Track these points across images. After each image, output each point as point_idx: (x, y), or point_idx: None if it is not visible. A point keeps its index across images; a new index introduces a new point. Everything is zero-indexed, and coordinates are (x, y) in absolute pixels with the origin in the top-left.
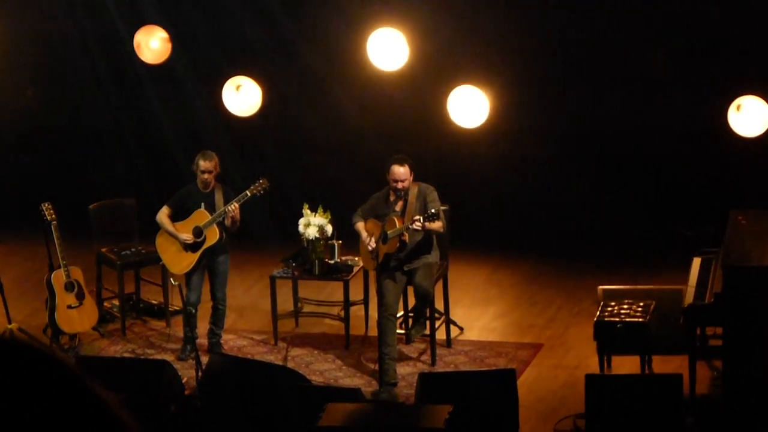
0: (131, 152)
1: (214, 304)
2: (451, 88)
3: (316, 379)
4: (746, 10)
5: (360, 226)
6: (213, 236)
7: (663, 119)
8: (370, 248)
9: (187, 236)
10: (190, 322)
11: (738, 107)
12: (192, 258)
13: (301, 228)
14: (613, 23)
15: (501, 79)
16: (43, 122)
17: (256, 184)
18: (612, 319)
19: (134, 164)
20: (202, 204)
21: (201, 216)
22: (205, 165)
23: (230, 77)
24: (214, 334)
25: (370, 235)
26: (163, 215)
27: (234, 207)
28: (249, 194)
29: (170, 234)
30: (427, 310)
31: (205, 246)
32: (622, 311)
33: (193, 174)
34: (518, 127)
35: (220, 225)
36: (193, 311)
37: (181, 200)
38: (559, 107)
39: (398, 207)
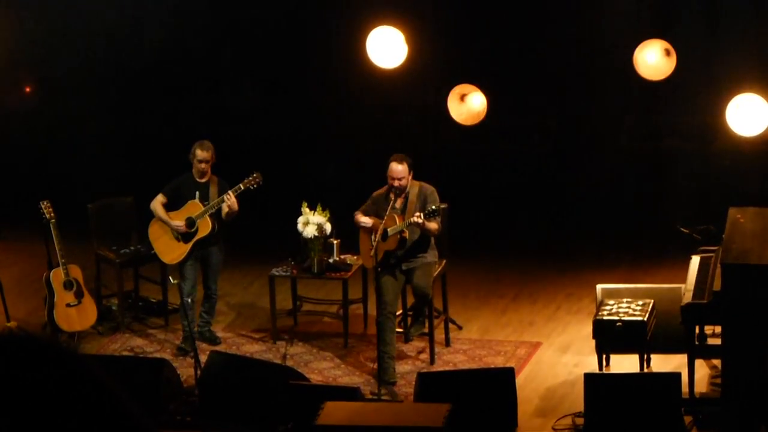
0: (129, 151)
1: (207, 293)
2: (450, 87)
3: (315, 377)
4: (746, 9)
5: (359, 215)
6: (205, 228)
7: (662, 117)
8: (372, 238)
9: (180, 223)
10: (187, 315)
11: (737, 105)
12: (183, 248)
13: (299, 226)
14: (612, 23)
15: (500, 77)
16: (43, 122)
17: (250, 178)
18: (611, 317)
19: (132, 162)
20: (197, 194)
21: (194, 207)
22: (202, 154)
23: (231, 76)
24: (205, 321)
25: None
26: (157, 203)
27: (230, 196)
28: (242, 187)
29: (163, 221)
30: (426, 309)
31: (197, 237)
32: (621, 310)
33: (189, 163)
34: (517, 126)
35: (213, 217)
36: (190, 302)
37: (176, 188)
38: (558, 106)
39: (398, 204)
